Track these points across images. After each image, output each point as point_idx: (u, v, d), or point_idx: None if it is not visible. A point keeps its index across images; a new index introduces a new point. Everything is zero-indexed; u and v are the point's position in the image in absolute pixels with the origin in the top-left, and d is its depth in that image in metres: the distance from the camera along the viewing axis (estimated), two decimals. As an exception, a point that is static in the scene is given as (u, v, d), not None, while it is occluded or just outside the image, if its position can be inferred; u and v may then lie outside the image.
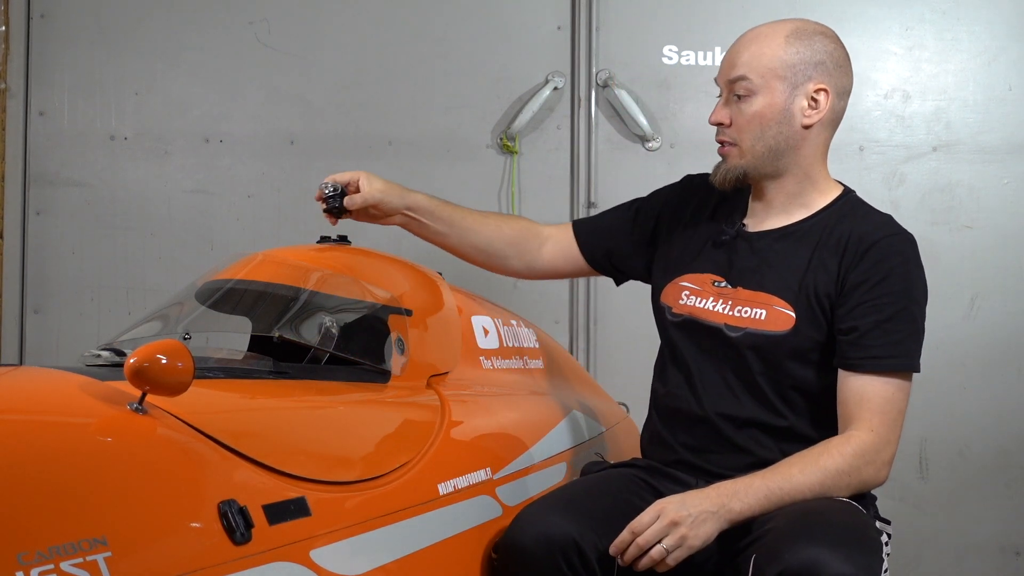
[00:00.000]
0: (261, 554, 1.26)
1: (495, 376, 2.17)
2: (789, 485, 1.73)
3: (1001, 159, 3.53)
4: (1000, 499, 3.52)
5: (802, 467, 1.75)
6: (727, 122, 1.89)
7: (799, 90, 1.86)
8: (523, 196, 3.53)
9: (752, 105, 1.86)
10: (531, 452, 2.02)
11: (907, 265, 1.85)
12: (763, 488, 1.72)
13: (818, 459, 1.76)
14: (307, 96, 3.59)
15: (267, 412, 1.59)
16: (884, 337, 1.80)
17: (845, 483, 1.76)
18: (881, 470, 1.81)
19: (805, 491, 1.73)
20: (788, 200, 1.92)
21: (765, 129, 1.86)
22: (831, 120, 1.91)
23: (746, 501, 1.71)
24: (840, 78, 1.89)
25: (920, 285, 1.86)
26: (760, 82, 1.85)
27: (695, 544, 1.68)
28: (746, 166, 1.89)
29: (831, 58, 1.88)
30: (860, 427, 1.78)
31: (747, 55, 1.87)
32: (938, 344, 3.51)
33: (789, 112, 1.86)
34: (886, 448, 1.80)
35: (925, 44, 3.56)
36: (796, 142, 1.88)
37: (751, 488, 1.72)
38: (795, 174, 1.90)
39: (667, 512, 1.68)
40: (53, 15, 3.60)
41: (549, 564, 1.67)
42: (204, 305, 1.84)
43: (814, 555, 1.55)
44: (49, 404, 1.31)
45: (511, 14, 3.58)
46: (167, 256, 3.59)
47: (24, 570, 1.02)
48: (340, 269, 1.92)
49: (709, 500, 1.70)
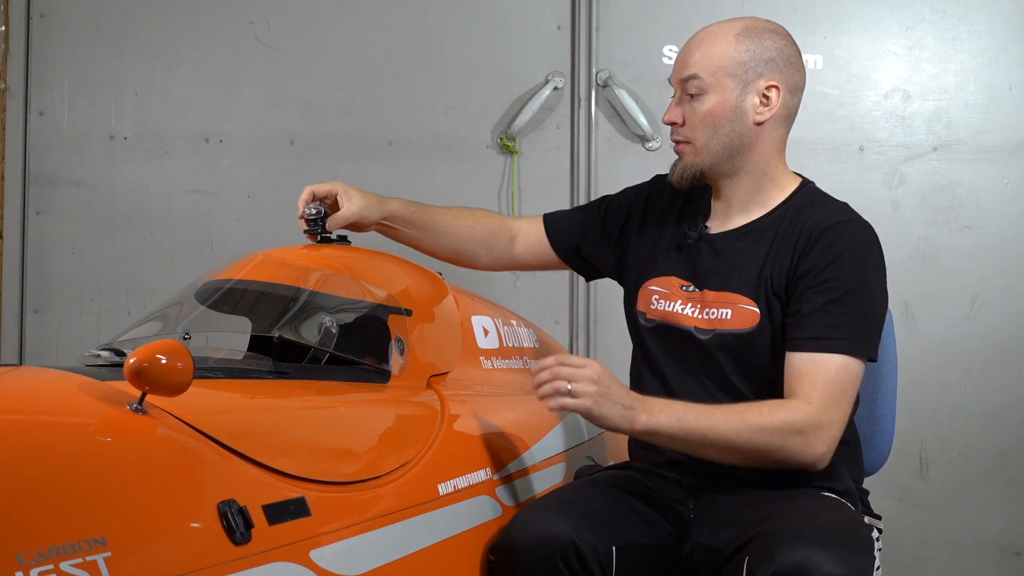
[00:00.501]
0: (261, 554, 1.26)
1: (495, 376, 2.17)
2: (706, 423, 1.72)
3: (1002, 159, 3.53)
4: (1000, 499, 3.52)
5: (726, 413, 1.74)
6: (680, 121, 1.90)
7: (750, 87, 1.86)
8: (523, 196, 3.53)
9: (704, 104, 1.87)
10: (531, 452, 2.02)
11: (859, 250, 1.83)
12: (679, 414, 1.72)
13: (745, 411, 1.74)
14: (307, 96, 3.59)
15: (267, 412, 1.59)
16: (828, 319, 1.78)
17: (763, 443, 1.72)
18: (814, 447, 1.74)
19: (719, 434, 1.71)
20: (747, 199, 1.92)
21: (718, 127, 1.87)
22: (784, 117, 1.91)
23: (657, 418, 1.71)
24: (791, 75, 1.89)
25: (874, 270, 1.83)
26: (711, 80, 1.86)
27: (588, 408, 1.69)
28: (702, 164, 1.90)
29: (781, 55, 1.89)
30: (799, 398, 1.76)
31: (698, 54, 1.88)
32: (938, 344, 3.52)
33: (741, 110, 1.87)
34: (825, 427, 1.74)
35: (925, 44, 3.56)
36: (750, 139, 1.88)
37: (669, 409, 1.73)
38: (751, 172, 1.91)
39: (600, 375, 1.70)
40: (53, 15, 3.60)
41: (547, 565, 1.67)
42: (204, 305, 1.84)
43: (805, 556, 1.55)
44: (49, 404, 1.31)
45: (511, 14, 3.58)
46: (167, 256, 3.59)
47: (24, 570, 1.01)
48: (340, 269, 1.92)
49: (630, 399, 1.72)
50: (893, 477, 3.46)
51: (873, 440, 1.87)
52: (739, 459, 1.76)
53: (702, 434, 1.71)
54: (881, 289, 1.85)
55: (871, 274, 1.83)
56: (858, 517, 1.77)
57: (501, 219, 2.21)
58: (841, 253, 1.81)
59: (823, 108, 3.55)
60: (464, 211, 2.19)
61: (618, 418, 1.70)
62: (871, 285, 1.83)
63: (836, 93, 3.56)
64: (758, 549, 1.62)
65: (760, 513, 1.73)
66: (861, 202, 3.52)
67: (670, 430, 1.71)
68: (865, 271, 1.82)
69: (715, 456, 1.76)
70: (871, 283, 1.83)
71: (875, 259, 1.85)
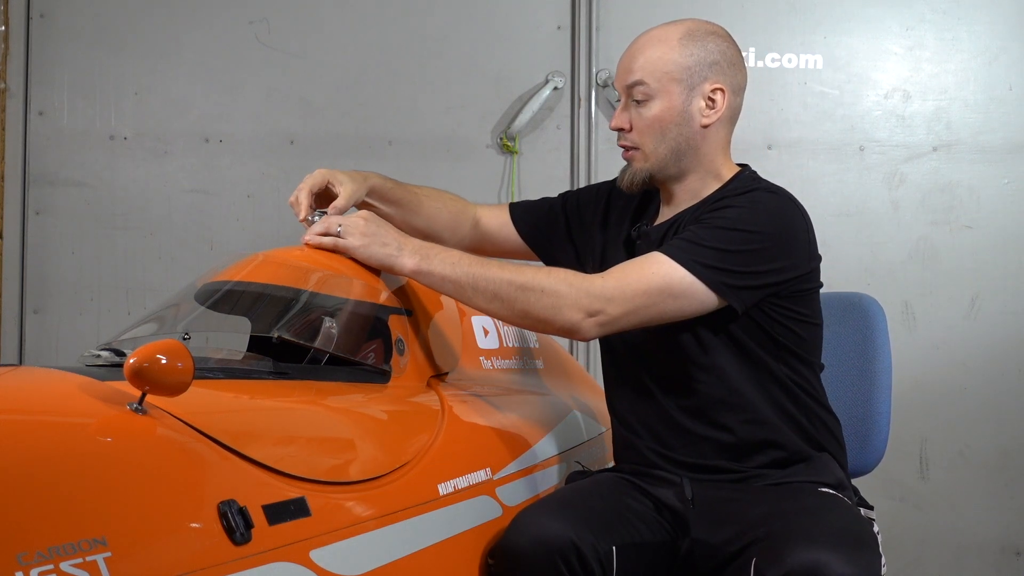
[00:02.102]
0: (261, 554, 1.26)
1: (495, 376, 2.17)
2: (480, 269, 1.76)
3: (1001, 159, 3.53)
4: (1000, 499, 3.52)
5: (504, 265, 1.77)
6: (627, 127, 1.91)
7: (696, 91, 1.87)
8: (523, 196, 3.52)
9: (651, 109, 1.88)
10: (531, 452, 2.01)
11: (752, 212, 1.80)
12: (454, 259, 1.77)
13: (525, 268, 1.77)
14: (307, 96, 3.59)
15: (267, 412, 1.58)
16: (680, 239, 1.79)
17: (536, 291, 1.74)
18: (574, 311, 1.73)
19: (490, 279, 1.75)
20: (691, 197, 1.93)
21: (665, 132, 1.88)
22: (729, 117, 1.92)
23: (431, 262, 1.77)
24: (735, 76, 1.90)
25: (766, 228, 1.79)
26: (657, 86, 1.87)
27: (355, 247, 1.79)
28: (650, 168, 1.91)
29: (724, 57, 1.89)
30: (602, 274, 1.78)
31: (642, 59, 1.89)
32: (938, 344, 3.53)
33: (688, 113, 1.87)
34: (603, 303, 1.73)
35: (925, 44, 3.56)
36: (696, 142, 1.89)
37: (444, 254, 1.78)
38: (698, 172, 1.91)
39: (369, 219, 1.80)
40: (53, 15, 3.60)
41: (548, 567, 1.67)
42: (204, 305, 1.84)
43: (815, 557, 1.54)
44: (49, 404, 1.31)
45: (511, 14, 3.58)
46: (167, 256, 3.59)
47: (24, 570, 1.01)
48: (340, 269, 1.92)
49: (401, 241, 1.79)
50: (893, 477, 3.46)
51: (868, 439, 1.86)
52: (504, 308, 1.77)
53: (472, 281, 1.75)
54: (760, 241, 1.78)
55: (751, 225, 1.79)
56: (860, 514, 1.78)
57: (464, 204, 2.19)
58: (729, 204, 1.82)
59: (823, 108, 3.55)
60: (433, 193, 2.17)
61: (384, 257, 1.78)
62: (748, 233, 1.78)
63: (836, 93, 3.56)
64: (766, 550, 1.61)
65: (758, 511, 1.73)
66: (861, 202, 3.56)
67: (441, 275, 1.76)
68: (745, 220, 1.78)
69: (481, 303, 1.78)
70: (749, 232, 1.78)
71: (769, 218, 1.80)
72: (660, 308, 1.76)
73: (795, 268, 1.82)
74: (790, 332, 1.85)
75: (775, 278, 1.80)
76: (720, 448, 1.85)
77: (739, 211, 1.80)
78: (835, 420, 1.94)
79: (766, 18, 3.56)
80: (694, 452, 1.87)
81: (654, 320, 1.78)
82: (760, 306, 1.82)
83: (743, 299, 1.78)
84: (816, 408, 1.89)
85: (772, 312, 1.83)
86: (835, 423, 1.94)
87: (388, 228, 1.82)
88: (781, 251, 1.80)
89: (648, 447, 1.92)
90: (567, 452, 2.17)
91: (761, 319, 1.83)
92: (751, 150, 3.44)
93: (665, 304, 1.76)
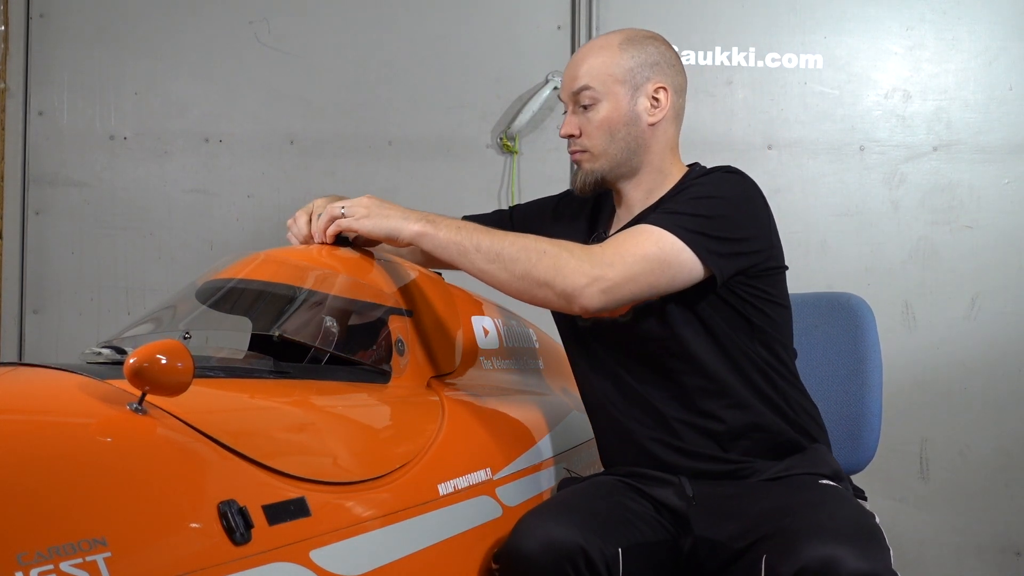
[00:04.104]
0: (261, 554, 1.26)
1: (495, 376, 2.17)
2: (486, 234, 1.78)
3: (1002, 159, 3.53)
4: (1000, 499, 3.52)
5: (516, 237, 1.79)
6: (577, 133, 1.95)
7: (640, 91, 1.93)
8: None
9: (599, 112, 1.93)
10: (531, 452, 2.01)
11: (718, 183, 1.87)
12: (459, 223, 1.81)
13: (539, 239, 1.79)
14: (307, 96, 3.59)
15: (267, 412, 1.58)
16: (660, 212, 1.84)
17: (535, 256, 1.76)
18: (579, 275, 1.74)
19: (495, 240, 1.77)
20: (645, 197, 1.96)
21: (614, 133, 1.93)
22: (674, 116, 1.97)
23: (437, 227, 1.78)
24: (675, 76, 1.96)
25: (733, 197, 1.84)
26: (603, 89, 1.92)
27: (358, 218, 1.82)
28: (601, 169, 1.95)
29: (664, 59, 1.95)
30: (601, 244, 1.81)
31: (586, 66, 1.94)
32: (939, 344, 3.52)
33: (634, 113, 1.93)
34: (604, 268, 1.75)
35: (925, 44, 3.56)
36: (645, 140, 1.94)
37: (449, 220, 1.81)
38: (648, 170, 1.96)
39: (372, 198, 1.82)
40: (53, 15, 3.60)
41: (556, 572, 1.66)
42: (204, 305, 1.84)
43: (829, 552, 1.54)
44: (49, 404, 1.31)
45: (511, 14, 3.58)
46: (167, 256, 3.59)
47: (24, 570, 1.01)
48: (340, 269, 1.92)
49: (407, 212, 1.80)
50: (893, 477, 3.47)
51: (860, 437, 1.87)
52: (504, 270, 1.77)
53: (476, 241, 1.77)
54: (741, 214, 1.84)
55: (726, 198, 1.84)
56: (866, 509, 1.78)
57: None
58: (698, 182, 1.88)
59: (823, 108, 3.55)
60: None
61: (389, 228, 1.80)
62: (725, 201, 1.84)
63: (836, 93, 3.56)
64: (777, 546, 1.61)
65: (762, 506, 1.74)
66: (861, 202, 3.56)
67: (446, 235, 1.78)
68: (717, 191, 1.85)
69: (481, 264, 1.78)
70: (725, 199, 1.84)
71: (733, 188, 1.86)
72: (655, 277, 1.78)
73: (762, 239, 1.87)
74: (762, 314, 1.89)
75: (747, 247, 1.85)
76: (709, 436, 1.87)
77: (705, 186, 1.87)
78: (812, 404, 1.98)
79: (766, 18, 3.56)
80: (684, 442, 1.89)
81: (648, 292, 1.80)
82: (731, 287, 1.86)
83: (723, 268, 1.81)
84: (793, 392, 1.93)
85: (743, 293, 1.87)
86: (813, 407, 1.98)
87: (391, 204, 1.84)
88: (749, 219, 1.86)
89: (639, 445, 1.92)
90: (567, 452, 2.17)
91: (734, 301, 1.87)
92: (751, 150, 3.45)
93: (660, 273, 1.78)
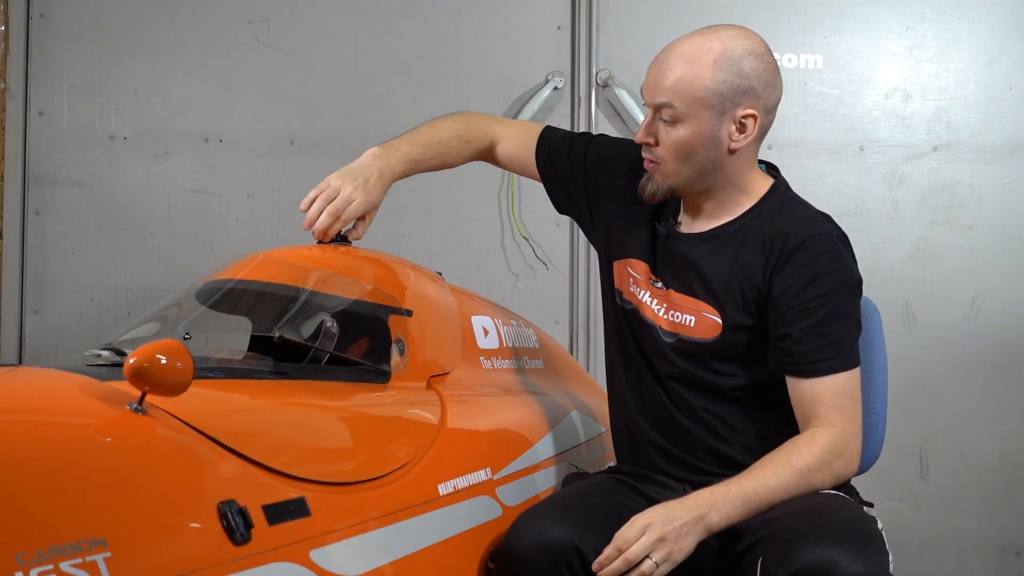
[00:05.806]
0: (261, 554, 1.26)
1: (495, 376, 2.17)
2: (765, 490, 1.73)
3: (1002, 159, 3.53)
4: (1000, 499, 3.52)
5: (775, 470, 1.75)
6: (653, 142, 1.86)
7: (727, 116, 1.81)
8: (523, 196, 3.54)
9: (678, 131, 1.82)
10: (531, 452, 2.02)
11: (835, 263, 1.83)
12: (740, 496, 1.73)
13: (789, 459, 1.76)
14: (307, 96, 3.59)
15: (267, 412, 1.58)
16: (818, 340, 1.80)
17: (818, 480, 1.77)
18: (852, 461, 1.81)
19: (781, 492, 1.74)
20: (717, 206, 1.90)
21: (692, 156, 1.84)
22: (759, 137, 1.88)
23: (724, 511, 1.71)
24: (768, 97, 1.85)
25: (850, 279, 1.85)
26: (687, 111, 1.80)
27: (679, 559, 1.68)
28: (672, 185, 1.88)
29: (760, 80, 1.82)
30: (821, 424, 1.79)
31: (672, 80, 1.81)
32: (939, 344, 3.52)
33: (716, 139, 1.83)
34: (851, 439, 1.81)
35: (926, 44, 3.56)
36: (723, 164, 1.86)
37: (728, 497, 1.73)
38: (724, 188, 1.89)
39: (654, 527, 1.67)
40: (53, 15, 3.60)
41: (551, 570, 1.67)
42: (204, 305, 1.84)
43: (825, 555, 1.54)
44: (49, 404, 1.31)
45: (511, 14, 3.58)
46: (167, 256, 3.59)
47: (24, 570, 1.01)
48: (340, 269, 1.92)
49: (690, 512, 1.70)
50: (893, 477, 3.46)
51: (865, 440, 1.87)
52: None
53: (768, 503, 1.74)
54: (857, 295, 1.87)
55: (848, 285, 1.84)
56: (864, 512, 1.78)
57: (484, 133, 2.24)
58: (820, 270, 1.81)
59: (823, 108, 3.55)
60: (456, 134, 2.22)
61: (696, 540, 1.70)
62: (851, 295, 1.85)
63: (836, 93, 3.56)
64: (773, 549, 1.61)
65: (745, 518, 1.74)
66: (861, 202, 3.56)
67: (740, 515, 1.73)
68: (843, 284, 1.83)
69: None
70: (850, 293, 1.84)
71: (849, 266, 1.86)
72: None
73: None
74: None
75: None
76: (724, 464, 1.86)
77: (834, 281, 1.82)
78: None
79: (766, 18, 3.55)
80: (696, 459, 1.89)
81: None
82: None
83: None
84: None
85: None
86: None
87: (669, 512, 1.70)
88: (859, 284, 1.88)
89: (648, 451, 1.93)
90: (567, 452, 2.17)
91: None
92: (751, 150, 3.44)
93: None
